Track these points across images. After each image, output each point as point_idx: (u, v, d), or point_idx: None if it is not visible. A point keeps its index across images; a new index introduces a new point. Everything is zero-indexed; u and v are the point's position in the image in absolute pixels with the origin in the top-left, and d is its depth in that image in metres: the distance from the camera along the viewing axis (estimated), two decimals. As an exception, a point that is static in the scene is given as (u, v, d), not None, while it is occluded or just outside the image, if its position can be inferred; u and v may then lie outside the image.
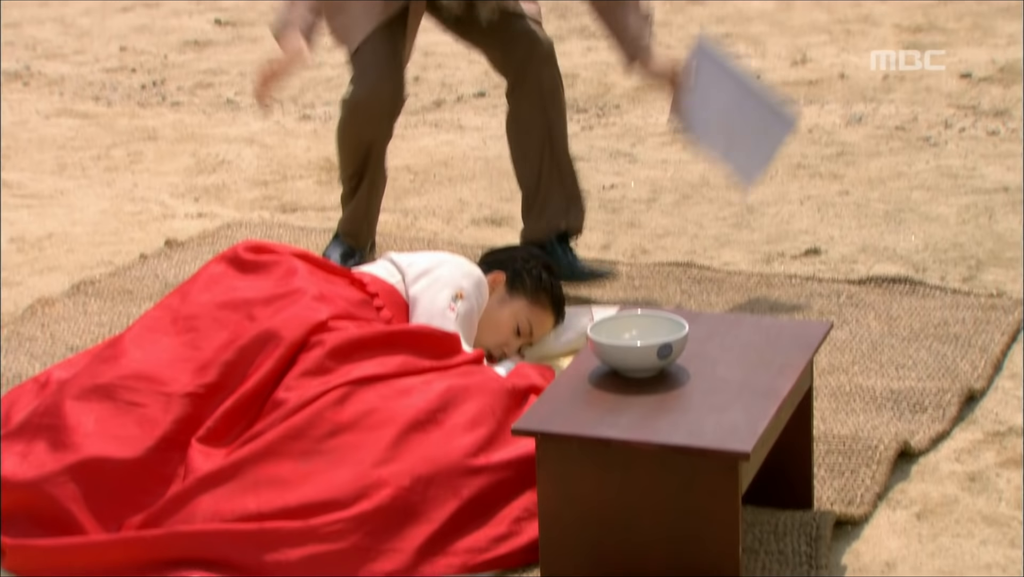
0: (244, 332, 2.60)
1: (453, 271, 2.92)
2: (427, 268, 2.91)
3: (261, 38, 6.22)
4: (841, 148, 4.63)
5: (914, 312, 3.41)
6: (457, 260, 2.99)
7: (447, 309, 2.84)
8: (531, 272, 3.03)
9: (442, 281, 2.88)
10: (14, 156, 4.84)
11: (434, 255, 3.01)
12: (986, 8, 6.10)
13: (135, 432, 2.47)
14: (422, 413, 2.49)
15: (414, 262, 2.95)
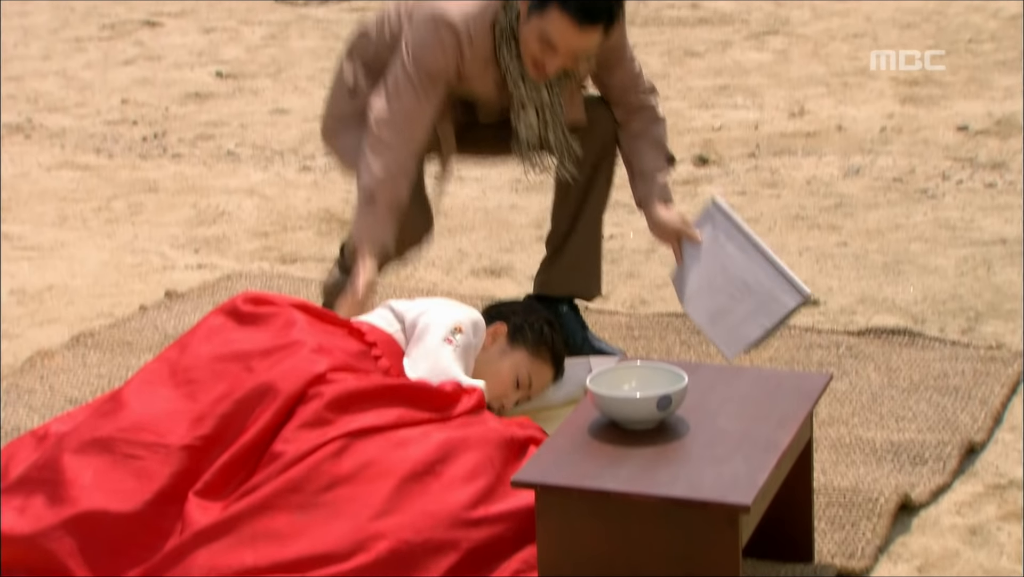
0: (241, 384, 2.59)
1: (451, 308, 2.93)
2: (424, 309, 2.91)
3: (262, 90, 6.25)
4: (839, 200, 4.65)
5: (914, 364, 3.41)
6: (455, 302, 3.01)
7: (444, 342, 2.82)
8: (533, 325, 3.03)
9: (439, 317, 2.88)
10: (15, 208, 4.85)
11: (433, 300, 3.02)
12: (982, 62, 6.14)
13: (133, 485, 2.47)
14: (420, 465, 2.48)
15: (412, 307, 2.95)
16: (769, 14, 7.16)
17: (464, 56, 3.16)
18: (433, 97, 3.18)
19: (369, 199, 3.15)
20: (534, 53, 3.11)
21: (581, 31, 3.05)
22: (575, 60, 3.13)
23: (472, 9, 3.16)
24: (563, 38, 3.06)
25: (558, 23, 3.05)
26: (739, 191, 4.79)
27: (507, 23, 3.16)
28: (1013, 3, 7.06)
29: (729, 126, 5.49)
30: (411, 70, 3.17)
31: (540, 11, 3.07)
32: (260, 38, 7.15)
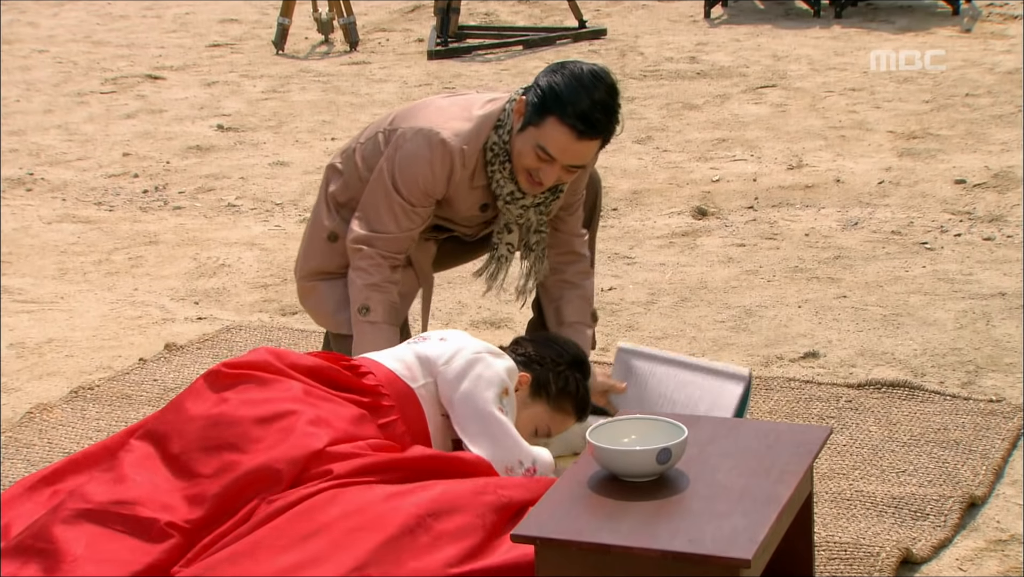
0: (238, 464, 2.54)
1: (493, 367, 2.83)
2: (464, 368, 2.81)
3: (262, 143, 6.28)
4: (838, 252, 4.66)
5: (914, 417, 3.40)
6: (485, 348, 2.88)
7: (496, 410, 2.78)
8: (558, 378, 2.97)
9: (485, 380, 2.80)
10: (16, 262, 4.86)
11: (457, 341, 2.90)
12: (979, 116, 6.18)
13: (126, 557, 2.45)
14: (412, 518, 2.44)
15: (444, 355, 2.84)
16: (767, 68, 7.20)
17: (455, 177, 3.14)
18: (417, 219, 3.16)
19: (363, 310, 3.14)
20: (528, 165, 3.09)
21: (580, 142, 3.05)
22: (569, 173, 3.12)
23: (465, 128, 3.13)
24: (561, 149, 3.05)
25: (557, 134, 3.04)
26: (738, 243, 4.80)
27: (500, 141, 3.13)
28: (1010, 58, 7.12)
29: (728, 178, 5.51)
30: (397, 190, 3.14)
31: (538, 122, 3.05)
32: (261, 91, 7.19)
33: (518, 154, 3.11)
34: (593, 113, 3.03)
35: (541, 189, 3.15)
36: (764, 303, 4.23)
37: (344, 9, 7.97)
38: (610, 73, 3.13)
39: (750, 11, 8.50)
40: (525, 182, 3.14)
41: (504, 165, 3.14)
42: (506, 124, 3.13)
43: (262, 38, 8.33)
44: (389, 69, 7.57)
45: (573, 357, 3.02)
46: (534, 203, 3.21)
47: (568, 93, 3.03)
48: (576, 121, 3.02)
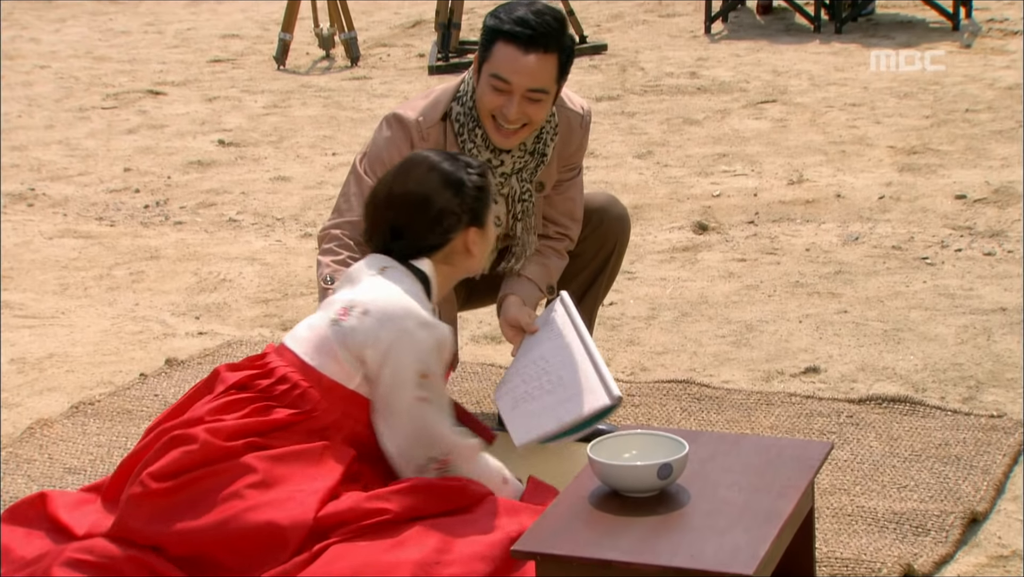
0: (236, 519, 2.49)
1: (411, 350, 2.62)
2: (384, 353, 2.61)
3: (263, 158, 6.29)
4: (839, 267, 4.66)
5: (915, 432, 3.40)
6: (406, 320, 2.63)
7: (416, 402, 2.62)
8: (477, 200, 2.75)
9: (402, 367, 2.61)
10: (16, 277, 4.87)
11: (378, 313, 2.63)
12: (979, 131, 6.19)
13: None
14: (418, 568, 2.41)
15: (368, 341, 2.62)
16: (767, 83, 7.21)
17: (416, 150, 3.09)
18: None
19: (327, 280, 3.06)
20: (490, 106, 3.06)
21: (528, 54, 3.02)
22: (533, 103, 3.04)
23: (421, 104, 3.15)
24: (512, 68, 3.02)
25: (504, 54, 3.03)
26: (738, 258, 4.81)
27: (464, 109, 3.13)
28: (1010, 73, 7.13)
29: (728, 193, 5.52)
30: (365, 173, 3.13)
31: (487, 55, 3.06)
32: (262, 107, 7.20)
33: (480, 100, 3.09)
34: (536, 22, 3.01)
35: (514, 137, 3.09)
36: (765, 318, 4.23)
37: (345, 24, 7.98)
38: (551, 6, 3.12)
39: (750, 26, 8.51)
40: (493, 132, 3.09)
41: (474, 131, 3.12)
42: (468, 91, 3.13)
43: (263, 53, 8.35)
44: (390, 84, 7.58)
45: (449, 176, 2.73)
46: (514, 169, 3.18)
47: (509, 13, 3.05)
48: (518, 30, 3.01)
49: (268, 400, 2.64)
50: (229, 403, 2.62)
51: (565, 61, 3.08)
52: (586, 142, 3.33)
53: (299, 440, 2.61)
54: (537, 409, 2.88)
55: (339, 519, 2.50)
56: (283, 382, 2.64)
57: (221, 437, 2.55)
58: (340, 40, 8.05)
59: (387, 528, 2.49)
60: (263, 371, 2.67)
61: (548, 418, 2.84)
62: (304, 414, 2.62)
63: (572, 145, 3.27)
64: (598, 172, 5.86)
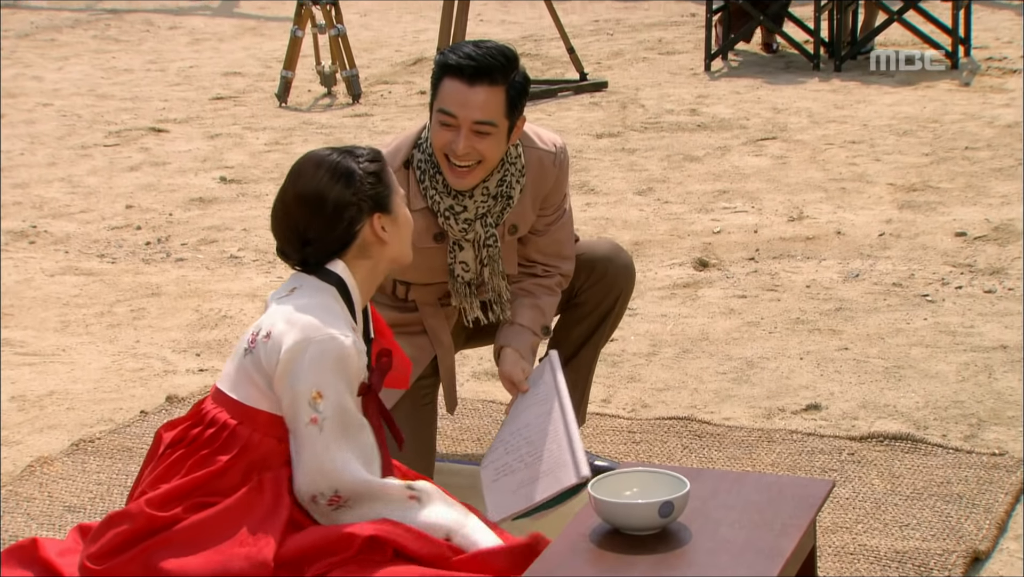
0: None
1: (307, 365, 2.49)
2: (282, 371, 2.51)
3: (265, 195, 6.30)
4: (839, 304, 4.66)
5: (916, 470, 3.39)
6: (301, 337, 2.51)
7: (308, 424, 2.48)
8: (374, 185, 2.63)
9: (297, 386, 2.49)
10: (18, 314, 4.87)
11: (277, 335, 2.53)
12: (978, 169, 6.20)
13: None
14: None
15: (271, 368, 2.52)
16: (767, 120, 7.24)
17: None
18: None
19: None
20: (440, 144, 3.03)
21: (472, 88, 2.99)
22: (480, 136, 3.00)
23: (386, 150, 3.07)
24: (457, 101, 2.99)
25: (450, 88, 3.01)
26: (739, 294, 4.81)
27: (424, 156, 3.11)
28: (1009, 111, 7.15)
29: (729, 230, 5.53)
30: None
31: (435, 92, 3.04)
32: (264, 143, 7.22)
33: (432, 140, 3.06)
34: (479, 55, 3.00)
35: (468, 176, 3.04)
36: (766, 355, 4.23)
37: (347, 62, 8.02)
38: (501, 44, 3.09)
39: (750, 64, 8.55)
40: (448, 172, 3.06)
41: (435, 177, 3.10)
42: (427, 138, 3.11)
43: (265, 91, 8.38)
44: (391, 121, 7.61)
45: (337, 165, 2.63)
46: (478, 214, 3.13)
47: (452, 51, 3.04)
48: (464, 63, 2.99)
49: (203, 448, 2.56)
50: (168, 466, 2.56)
51: (515, 95, 3.03)
52: (564, 181, 3.24)
53: (239, 482, 2.53)
54: (513, 485, 2.89)
55: (312, 550, 2.43)
56: (212, 425, 2.57)
57: (156, 506, 2.49)
58: (342, 77, 8.08)
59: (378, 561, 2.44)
60: (196, 419, 2.61)
61: (520, 497, 2.86)
62: (239, 454, 2.54)
63: (547, 185, 3.20)
64: (599, 208, 5.87)
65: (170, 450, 2.59)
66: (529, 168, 3.17)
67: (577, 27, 9.57)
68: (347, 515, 2.51)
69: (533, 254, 3.27)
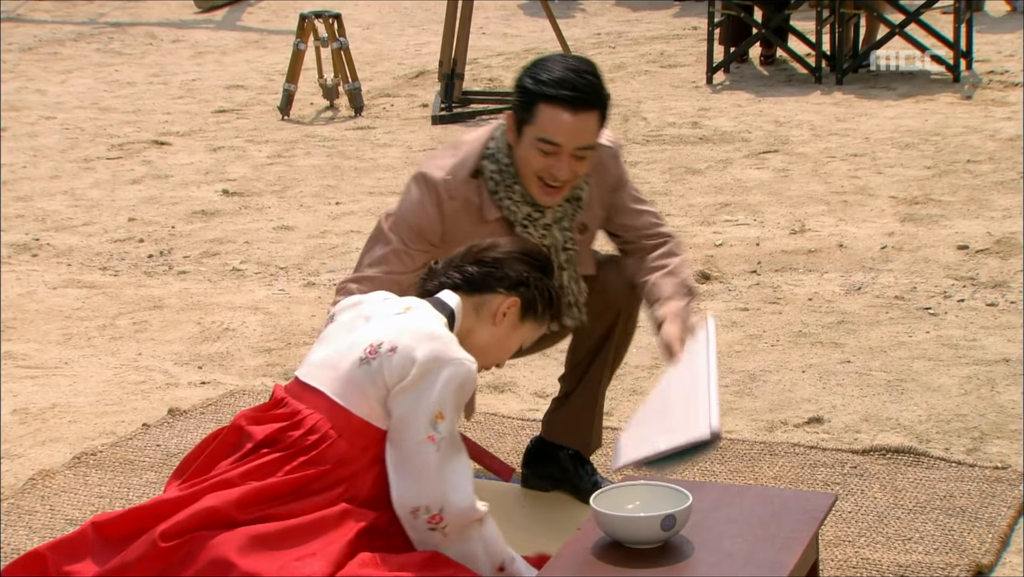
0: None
1: (436, 384, 2.56)
2: (407, 385, 2.56)
3: (267, 207, 6.31)
4: (841, 317, 4.66)
5: (919, 484, 3.39)
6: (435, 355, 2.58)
7: (425, 441, 2.54)
8: (543, 296, 2.78)
9: (420, 403, 2.55)
10: (20, 327, 4.87)
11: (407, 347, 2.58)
12: (980, 182, 6.21)
13: None
14: None
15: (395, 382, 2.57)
16: (769, 133, 7.25)
17: (444, 211, 3.09)
18: (408, 261, 3.09)
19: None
20: (538, 168, 3.03)
21: (576, 116, 2.99)
22: (580, 160, 3.03)
23: (449, 161, 3.12)
24: (562, 130, 2.99)
25: (551, 116, 2.99)
26: (741, 307, 4.81)
27: (498, 167, 3.10)
28: (1011, 124, 7.16)
29: (731, 242, 5.53)
30: (392, 231, 3.10)
31: (529, 118, 3.01)
32: (266, 156, 7.23)
33: (524, 162, 3.05)
34: (580, 83, 2.99)
35: (559, 194, 3.07)
36: (768, 368, 4.23)
37: (349, 75, 8.04)
38: (591, 60, 3.11)
39: (752, 77, 8.56)
40: (539, 192, 3.06)
41: (511, 188, 3.09)
42: (500, 148, 3.10)
43: (268, 104, 8.39)
44: (393, 134, 7.62)
45: (545, 263, 2.82)
46: (555, 219, 3.14)
47: (551, 75, 3.01)
48: (564, 93, 2.98)
49: (301, 456, 2.58)
50: (262, 466, 2.58)
51: (605, 112, 3.08)
52: (623, 170, 3.27)
53: (325, 489, 2.56)
54: (641, 434, 2.82)
55: None
56: (313, 432, 2.59)
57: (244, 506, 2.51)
58: (344, 90, 8.10)
59: None
60: (292, 422, 2.62)
61: (645, 445, 2.76)
62: (334, 468, 2.57)
63: (610, 180, 3.23)
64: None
65: (266, 449, 2.60)
66: (593, 167, 3.17)
67: (579, 40, 9.59)
68: (435, 539, 2.56)
69: (629, 235, 3.27)
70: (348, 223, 6.01)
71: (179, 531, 2.50)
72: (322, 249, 5.68)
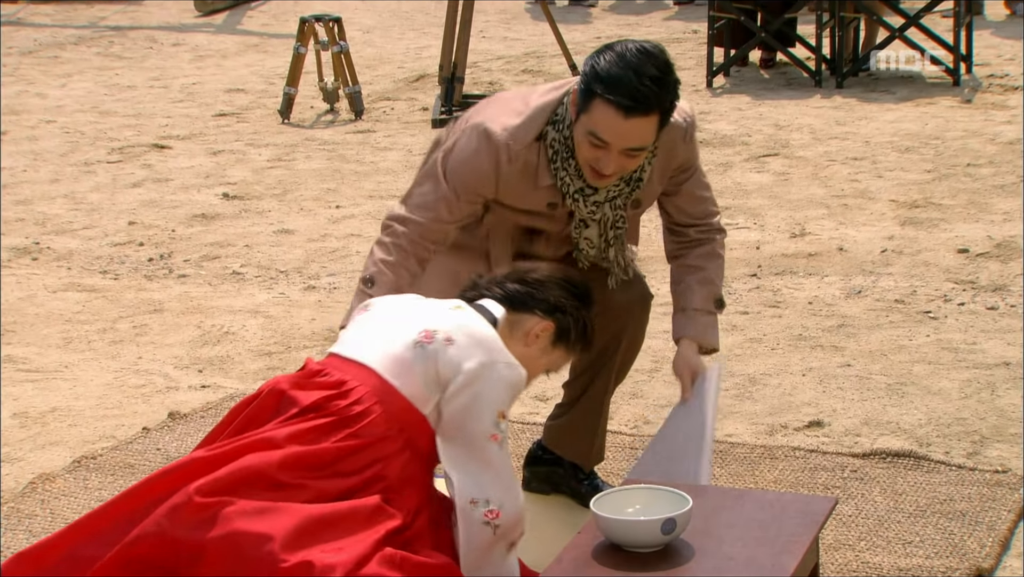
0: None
1: (497, 384, 2.58)
2: (466, 381, 2.57)
3: (267, 211, 6.32)
4: (842, 320, 4.66)
5: (919, 487, 3.39)
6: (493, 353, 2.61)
7: (489, 440, 2.55)
8: (577, 324, 2.77)
9: (485, 400, 2.56)
10: (20, 331, 4.87)
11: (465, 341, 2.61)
12: (980, 185, 6.21)
13: None
14: None
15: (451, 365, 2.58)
16: (769, 137, 7.25)
17: (501, 171, 3.01)
18: (457, 212, 3.03)
19: (368, 282, 2.99)
20: (586, 156, 2.95)
21: (628, 120, 2.86)
22: (630, 158, 2.95)
23: (514, 122, 3.01)
24: (612, 131, 2.88)
25: (603, 115, 2.88)
26: (741, 311, 4.81)
27: (560, 136, 3.01)
28: (1011, 128, 7.16)
29: (731, 246, 5.51)
30: (445, 178, 3.02)
31: (586, 108, 2.91)
32: (266, 160, 7.23)
33: (577, 146, 2.97)
34: (638, 87, 2.85)
35: (607, 181, 3.00)
36: (768, 371, 4.23)
37: (349, 79, 8.04)
38: (663, 50, 2.95)
39: (752, 81, 8.56)
40: (591, 175, 2.99)
41: (568, 161, 3.01)
42: (564, 118, 3.01)
43: (268, 107, 8.40)
44: (393, 137, 7.62)
45: (586, 293, 2.81)
46: (608, 198, 3.07)
47: (610, 71, 2.88)
48: (620, 98, 2.85)
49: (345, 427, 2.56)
50: (308, 431, 2.55)
51: (667, 113, 2.94)
52: (694, 150, 3.14)
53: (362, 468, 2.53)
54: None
55: None
56: (359, 404, 2.57)
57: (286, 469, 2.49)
58: (344, 94, 8.10)
59: None
60: (339, 391, 2.60)
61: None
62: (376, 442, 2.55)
63: (677, 159, 3.11)
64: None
65: (313, 414, 2.58)
66: (660, 146, 3.06)
67: (579, 44, 9.59)
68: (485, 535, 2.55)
69: (682, 218, 3.21)
70: (348, 227, 6.02)
71: (217, 489, 2.47)
72: (322, 253, 5.68)
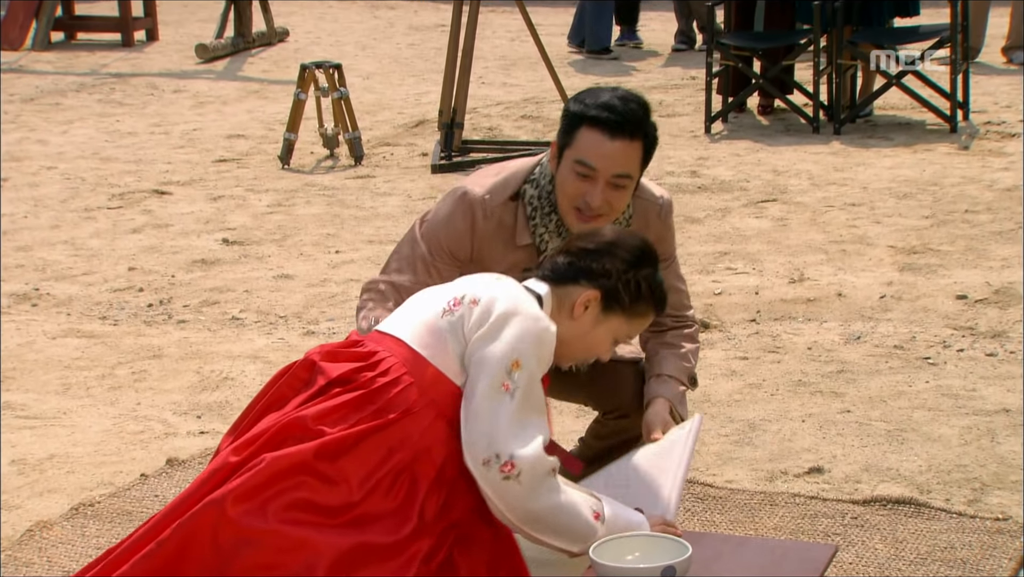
0: None
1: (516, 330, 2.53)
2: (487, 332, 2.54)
3: (267, 256, 6.33)
4: (841, 366, 4.66)
5: (920, 535, 3.38)
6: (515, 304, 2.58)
7: (500, 389, 2.49)
8: (627, 286, 2.69)
9: (499, 346, 2.51)
10: (19, 377, 4.87)
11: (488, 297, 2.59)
12: (978, 232, 6.22)
13: None
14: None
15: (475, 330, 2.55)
16: (767, 182, 7.27)
17: (477, 229, 3.07)
18: (435, 273, 3.08)
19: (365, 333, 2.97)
20: (572, 193, 2.99)
21: (613, 141, 2.97)
22: (617, 189, 2.99)
23: (491, 181, 3.10)
24: (598, 153, 2.96)
25: (590, 139, 2.98)
26: (740, 356, 4.81)
27: (539, 192, 3.07)
28: (1008, 175, 7.19)
29: (730, 291, 5.54)
30: (421, 239, 3.10)
31: (570, 140, 3.00)
32: (266, 205, 7.25)
33: (561, 187, 3.02)
34: (622, 110, 2.97)
35: (591, 225, 3.00)
36: (767, 417, 4.23)
37: (349, 124, 8.08)
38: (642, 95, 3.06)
39: (750, 127, 8.60)
40: (575, 221, 3.02)
41: (548, 217, 3.07)
42: (545, 174, 3.08)
43: (268, 153, 8.43)
44: (393, 183, 7.65)
45: (638, 255, 2.73)
46: None
47: (590, 100, 3.01)
48: (605, 116, 2.96)
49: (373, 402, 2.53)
50: (338, 407, 2.53)
51: (649, 147, 3.05)
52: (669, 232, 3.23)
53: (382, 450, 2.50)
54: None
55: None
56: (386, 374, 2.55)
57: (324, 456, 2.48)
58: (344, 139, 8.13)
59: None
60: (368, 363, 2.57)
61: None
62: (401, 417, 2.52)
63: (650, 236, 3.10)
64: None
65: (339, 389, 2.56)
66: (635, 217, 3.15)
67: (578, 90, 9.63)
68: (515, 491, 2.48)
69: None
70: (348, 272, 6.02)
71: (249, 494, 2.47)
72: (322, 298, 5.68)
